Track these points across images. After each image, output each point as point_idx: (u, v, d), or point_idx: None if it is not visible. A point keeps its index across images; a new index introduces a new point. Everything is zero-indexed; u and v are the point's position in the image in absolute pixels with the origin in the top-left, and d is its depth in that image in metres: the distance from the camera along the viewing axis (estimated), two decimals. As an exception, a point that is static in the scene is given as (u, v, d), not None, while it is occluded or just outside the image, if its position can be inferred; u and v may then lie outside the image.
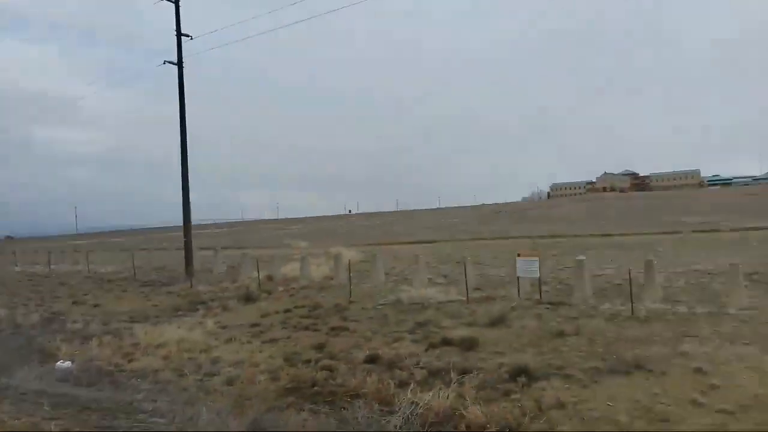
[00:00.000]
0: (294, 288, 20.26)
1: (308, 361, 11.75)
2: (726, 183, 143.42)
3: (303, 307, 16.73)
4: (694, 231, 31.51)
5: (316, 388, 10.44)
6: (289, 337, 13.81)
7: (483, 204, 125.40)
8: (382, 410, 9.22)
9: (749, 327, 11.02)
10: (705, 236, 28.94)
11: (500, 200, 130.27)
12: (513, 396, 9.14)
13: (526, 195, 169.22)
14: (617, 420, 7.93)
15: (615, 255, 22.91)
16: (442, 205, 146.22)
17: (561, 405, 8.56)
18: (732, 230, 31.94)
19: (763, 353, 9.53)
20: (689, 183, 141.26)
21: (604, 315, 12.75)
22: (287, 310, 16.55)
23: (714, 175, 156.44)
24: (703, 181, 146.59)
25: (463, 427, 8.42)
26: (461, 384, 9.45)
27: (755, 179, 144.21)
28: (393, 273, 22.01)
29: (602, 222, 42.81)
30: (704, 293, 14.37)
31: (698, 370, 9.15)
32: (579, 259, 15.13)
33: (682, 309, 12.61)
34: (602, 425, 7.93)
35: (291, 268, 23.87)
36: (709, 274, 16.88)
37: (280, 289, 20.33)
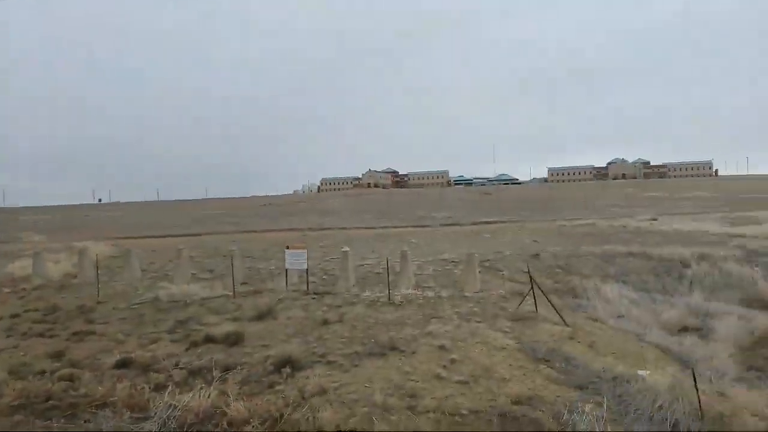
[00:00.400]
0: (24, 289, 17.26)
1: (42, 372, 10.07)
2: (468, 183, 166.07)
3: (36, 310, 14.32)
4: (441, 225, 35.69)
5: (51, 401, 8.99)
6: (16, 347, 11.66)
7: (253, 196, 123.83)
8: (134, 417, 8.35)
9: (480, 306, 12.82)
10: (450, 229, 33.00)
11: (272, 193, 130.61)
12: (277, 387, 9.12)
13: (298, 188, 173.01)
14: (373, 400, 8.43)
15: (377, 246, 24.62)
16: (210, 197, 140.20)
17: (323, 391, 8.80)
18: (472, 224, 36.96)
19: (490, 329, 11.16)
20: (439, 182, 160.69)
21: (365, 302, 13.55)
22: (14, 315, 13.98)
23: (459, 176, 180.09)
24: (450, 181, 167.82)
25: (225, 424, 8.10)
26: (224, 381, 9.10)
27: (489, 180, 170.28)
28: (151, 269, 20.24)
29: (366, 216, 45.84)
30: (448, 279, 16.31)
31: (442, 348, 10.29)
32: (344, 251, 15.83)
33: (430, 294, 14.09)
34: (359, 406, 8.37)
35: (21, 266, 20.28)
36: (452, 262, 19.20)
37: (6, 290, 17.12)
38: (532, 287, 12.47)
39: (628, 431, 7.95)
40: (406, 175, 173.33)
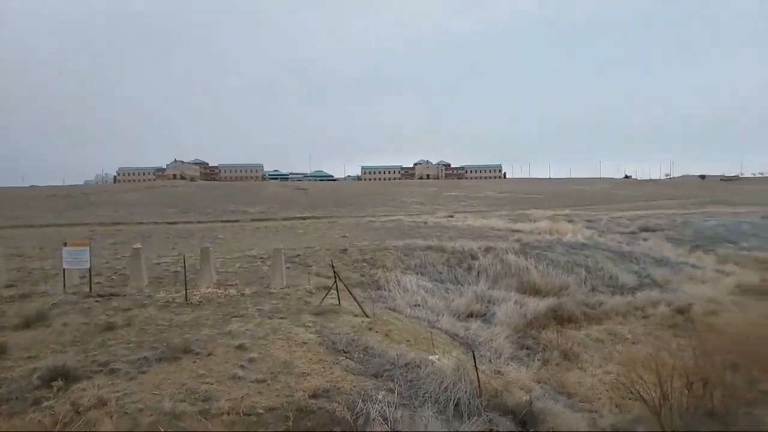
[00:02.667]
0: None
1: None
2: (284, 178, 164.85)
3: None
4: (253, 219, 34.77)
5: None
6: None
7: (33, 186, 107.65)
8: None
9: (285, 303, 12.64)
10: (262, 224, 32.29)
11: (60, 183, 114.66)
12: (45, 403, 7.93)
13: (90, 178, 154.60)
14: (162, 407, 7.75)
15: (179, 243, 23.00)
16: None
17: (102, 403, 7.86)
18: (284, 219, 36.64)
19: (293, 324, 11.03)
20: (254, 176, 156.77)
21: (158, 303, 12.47)
22: None
23: (275, 170, 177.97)
24: (265, 175, 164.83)
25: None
26: (-29, 404, 7.60)
27: (305, 176, 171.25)
28: None
29: (169, 210, 42.73)
30: (255, 276, 15.82)
31: (240, 347, 9.87)
32: (135, 248, 14.41)
33: (233, 291, 13.49)
34: (145, 416, 7.64)
35: None
36: (260, 258, 18.71)
37: None
38: (335, 281, 12.64)
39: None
40: (216, 167, 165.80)
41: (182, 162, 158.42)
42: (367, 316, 11.99)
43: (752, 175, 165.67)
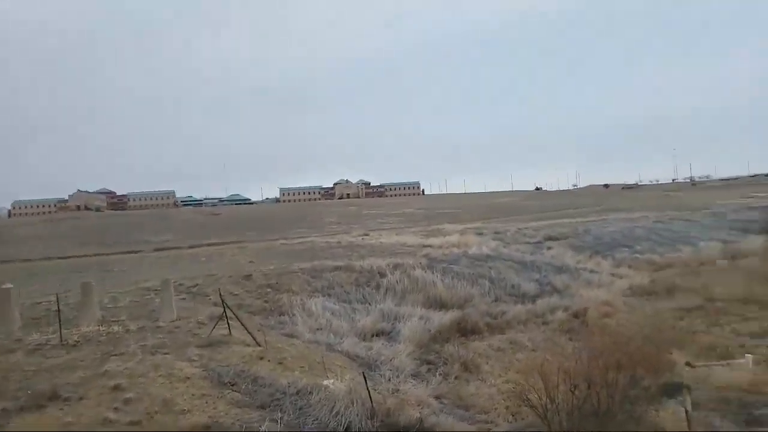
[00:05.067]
0: None
1: None
2: (198, 203, 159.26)
3: None
4: (156, 249, 33.10)
5: None
6: None
7: None
8: None
9: (172, 336, 11.98)
10: (166, 254, 30.78)
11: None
12: None
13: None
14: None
15: (70, 278, 21.39)
16: None
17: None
18: (191, 247, 35.13)
19: (178, 359, 10.45)
20: (165, 203, 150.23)
21: (28, 347, 11.43)
22: None
23: (188, 196, 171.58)
24: (177, 201, 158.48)
25: None
26: None
27: (221, 200, 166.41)
28: None
29: (66, 243, 39.91)
30: (144, 309, 14.92)
31: (116, 388, 9.21)
32: (4, 288, 13.19)
33: (116, 328, 12.65)
34: (-6, 479, 6.89)
35: None
36: (154, 290, 17.68)
37: None
38: (224, 310, 12.16)
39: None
40: (125, 196, 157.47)
41: (87, 192, 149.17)
42: (260, 345, 11.59)
43: (649, 183, 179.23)
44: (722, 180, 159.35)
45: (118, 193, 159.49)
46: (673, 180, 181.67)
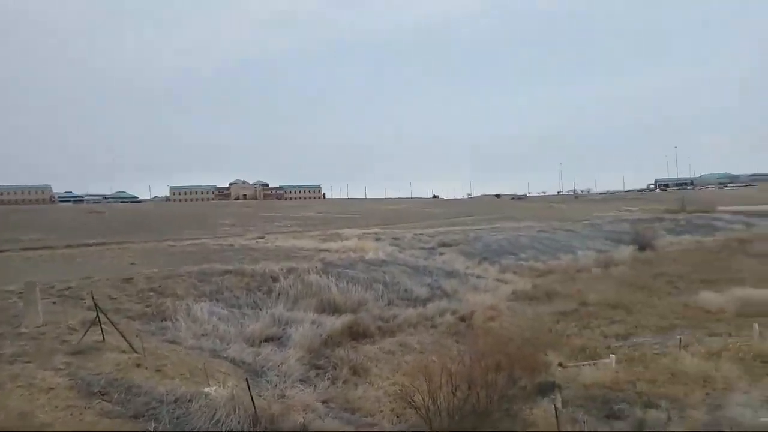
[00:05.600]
0: None
1: None
2: (78, 200, 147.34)
3: None
4: (25, 248, 30.11)
5: None
6: None
7: None
8: None
9: (36, 343, 10.97)
10: (36, 253, 28.08)
11: None
12: None
13: None
14: None
15: None
16: None
17: None
18: (67, 246, 32.36)
19: (41, 368, 9.58)
20: (39, 198, 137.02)
21: None
22: None
23: (67, 192, 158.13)
24: (53, 197, 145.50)
25: None
26: None
27: (105, 198, 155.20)
28: None
29: None
30: (4, 314, 13.54)
31: (-35, 402, 8.26)
32: None
33: (-31, 335, 11.35)
34: None
35: None
36: (18, 293, 16.05)
37: None
38: (97, 315, 11.32)
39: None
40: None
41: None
42: (136, 352, 10.91)
43: (537, 194, 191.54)
44: (601, 194, 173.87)
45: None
46: (558, 192, 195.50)
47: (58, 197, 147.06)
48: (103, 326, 11.48)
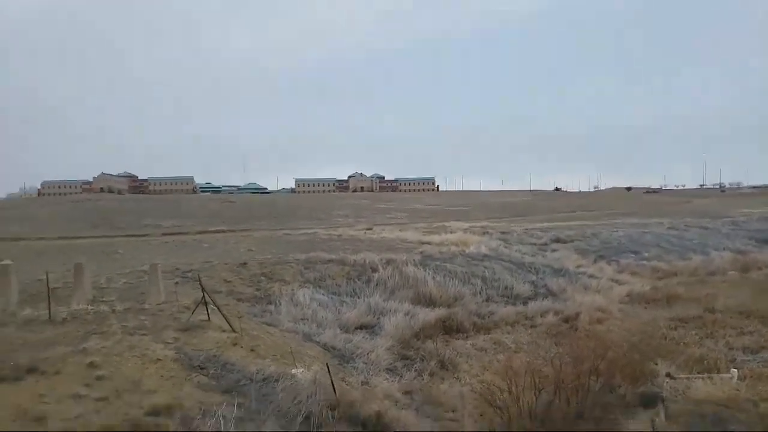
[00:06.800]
0: None
1: None
2: (216, 190, 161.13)
3: None
4: (164, 234, 33.79)
5: None
6: None
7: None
8: None
9: (153, 319, 12.38)
10: (171, 238, 31.42)
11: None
12: None
13: (14, 191, 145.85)
14: (-16, 431, 7.46)
15: (71, 257, 22.02)
16: None
17: None
18: (199, 233, 35.79)
19: (154, 341, 10.84)
20: (185, 188, 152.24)
21: (20, 321, 11.95)
22: None
23: (207, 183, 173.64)
24: (196, 187, 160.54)
25: None
26: None
27: (238, 188, 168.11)
28: None
29: (78, 224, 40.90)
30: (135, 292, 15.38)
31: (91, 365, 9.62)
32: (3, 264, 13.76)
33: (104, 308, 13.11)
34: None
35: None
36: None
37: None
38: (203, 296, 12.51)
39: None
40: (146, 180, 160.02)
41: (110, 175, 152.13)
42: (235, 332, 11.92)
43: (675, 187, 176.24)
44: (754, 187, 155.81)
45: (139, 177, 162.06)
46: (701, 185, 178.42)
47: (200, 187, 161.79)
48: (212, 306, 12.68)
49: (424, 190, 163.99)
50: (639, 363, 14.60)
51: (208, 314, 12.40)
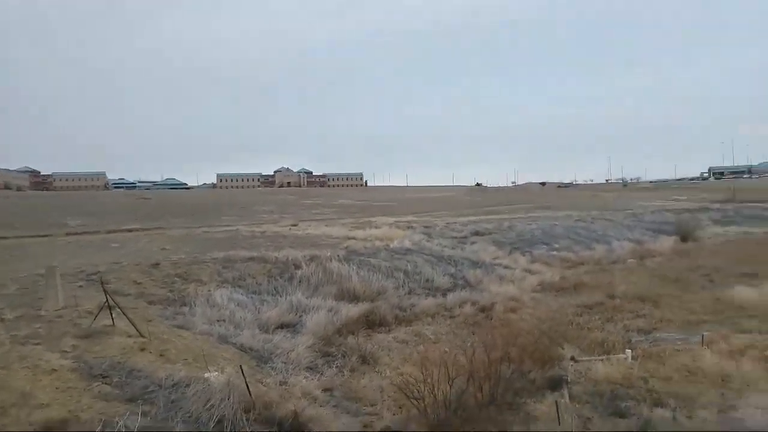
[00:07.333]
0: None
1: None
2: (131, 186, 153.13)
3: None
4: (69, 233, 31.60)
5: None
6: None
7: None
8: None
9: (50, 326, 11.53)
10: (77, 238, 29.40)
11: None
12: None
13: None
14: None
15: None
16: None
17: None
18: (109, 232, 33.75)
19: (49, 350, 10.08)
20: (95, 185, 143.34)
21: None
22: None
23: (120, 179, 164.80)
24: (108, 183, 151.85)
25: None
26: None
27: (155, 184, 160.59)
28: None
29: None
30: (30, 297, 14.23)
31: (-25, 380, 8.80)
32: None
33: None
34: None
35: None
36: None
37: None
38: (107, 300, 11.79)
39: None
40: (49, 176, 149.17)
41: (6, 170, 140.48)
42: (143, 336, 11.33)
43: (584, 182, 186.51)
44: (651, 182, 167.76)
45: (42, 172, 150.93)
46: (606, 180, 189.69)
47: (113, 184, 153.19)
48: (117, 310, 11.95)
49: (352, 185, 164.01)
50: (547, 348, 15.30)
51: (112, 319, 11.68)
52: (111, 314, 11.67)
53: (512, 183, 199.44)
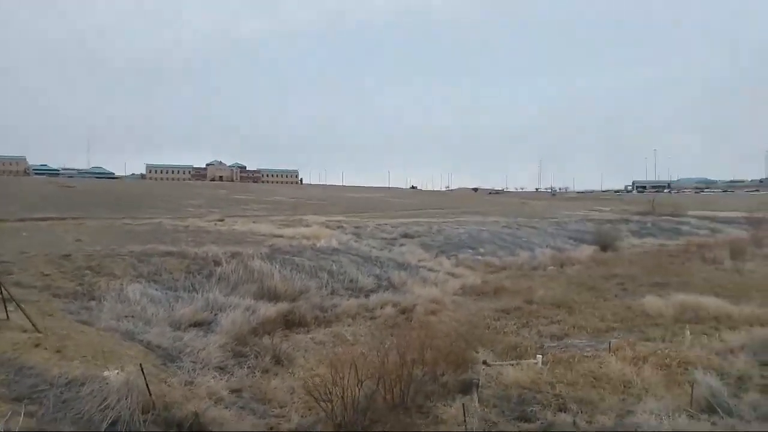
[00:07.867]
0: None
1: None
2: (54, 173, 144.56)
3: None
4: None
5: None
6: None
7: None
8: None
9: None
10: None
11: None
12: None
13: None
14: None
15: None
16: None
17: None
18: (20, 220, 31.75)
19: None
20: (14, 169, 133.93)
21: None
22: None
23: (42, 165, 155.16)
24: (28, 169, 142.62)
25: None
26: None
27: (80, 172, 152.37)
28: None
29: None
30: None
31: None
32: None
33: None
34: None
35: None
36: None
37: None
38: (0, 292, 11.17)
39: None
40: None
41: None
42: (39, 332, 10.80)
43: (515, 190, 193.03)
44: (578, 192, 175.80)
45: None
46: (536, 189, 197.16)
47: (33, 170, 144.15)
48: (6, 304, 11.31)
49: (287, 182, 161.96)
50: (462, 352, 15.69)
51: (6, 313, 11.07)
52: (5, 307, 11.04)
53: (446, 187, 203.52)
